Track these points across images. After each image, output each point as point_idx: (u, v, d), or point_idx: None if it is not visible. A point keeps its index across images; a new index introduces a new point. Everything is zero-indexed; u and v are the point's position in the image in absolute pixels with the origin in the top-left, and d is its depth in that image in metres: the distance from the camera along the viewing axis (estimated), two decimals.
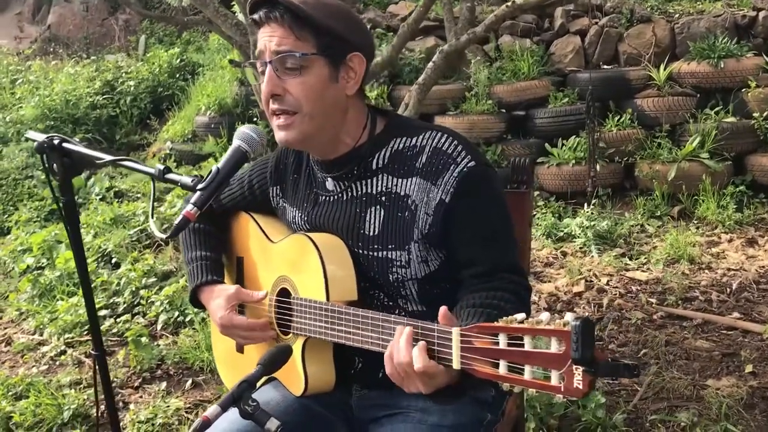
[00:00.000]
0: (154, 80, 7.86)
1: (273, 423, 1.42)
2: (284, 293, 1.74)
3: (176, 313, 3.84)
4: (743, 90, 5.31)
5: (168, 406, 3.06)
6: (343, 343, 1.54)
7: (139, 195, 5.97)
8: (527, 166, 1.91)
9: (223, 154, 1.92)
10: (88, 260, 4.46)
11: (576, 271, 4.23)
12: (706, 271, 4.19)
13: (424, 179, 1.55)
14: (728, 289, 3.88)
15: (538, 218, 5.09)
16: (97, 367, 1.91)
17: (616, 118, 5.49)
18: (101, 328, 3.74)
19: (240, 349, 1.92)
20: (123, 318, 3.91)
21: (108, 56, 8.91)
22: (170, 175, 1.52)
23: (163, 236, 1.44)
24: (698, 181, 5.07)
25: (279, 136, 1.56)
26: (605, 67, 5.97)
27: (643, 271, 4.25)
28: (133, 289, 4.12)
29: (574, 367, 1.07)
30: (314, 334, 1.61)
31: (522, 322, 1.17)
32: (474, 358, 1.22)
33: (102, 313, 3.97)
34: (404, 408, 1.64)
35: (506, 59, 6.13)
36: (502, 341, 1.18)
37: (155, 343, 3.60)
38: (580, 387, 1.07)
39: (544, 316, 1.15)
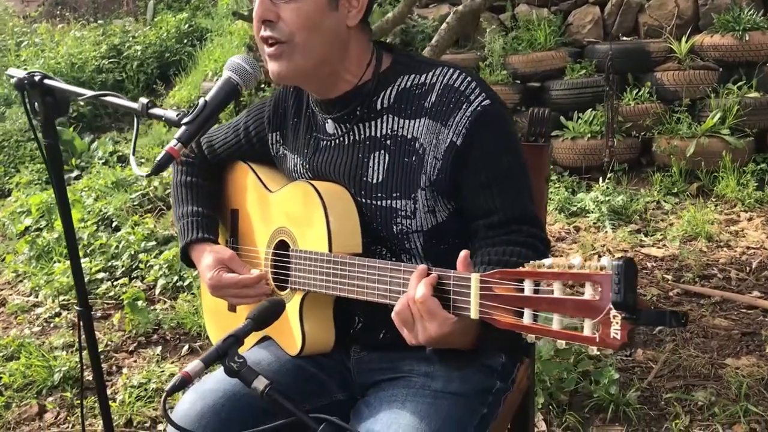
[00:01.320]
0: (161, 45, 7.71)
1: (261, 382, 1.29)
2: (282, 246, 1.61)
3: (175, 278, 3.73)
4: None
5: (162, 371, 2.96)
6: (347, 297, 1.40)
7: (143, 159, 5.85)
8: (546, 117, 1.76)
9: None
10: (88, 223, 4.36)
11: (589, 246, 4.09)
12: (725, 249, 4.03)
13: (434, 120, 1.40)
14: (748, 268, 3.73)
15: (552, 192, 4.93)
16: (82, 323, 1.79)
17: (635, 92, 5.31)
18: (98, 291, 3.65)
19: (232, 308, 1.80)
20: (120, 281, 3.80)
21: (115, 21, 8.75)
22: (154, 110, 1.38)
23: (143, 174, 1.31)
24: (718, 158, 4.89)
25: (271, 68, 1.42)
26: (625, 38, 5.77)
27: (658, 247, 4.10)
28: (132, 252, 4.00)
29: (612, 314, 0.94)
30: (314, 287, 1.48)
31: (551, 266, 1.03)
32: (494, 306, 1.10)
33: (99, 276, 3.87)
34: (406, 372, 1.51)
35: (522, 29, 5.94)
36: (528, 288, 1.05)
37: (152, 308, 3.49)
38: (618, 337, 0.94)
39: (576, 260, 1.02)
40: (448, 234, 1.48)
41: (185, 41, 7.89)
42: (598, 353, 1.10)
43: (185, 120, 1.30)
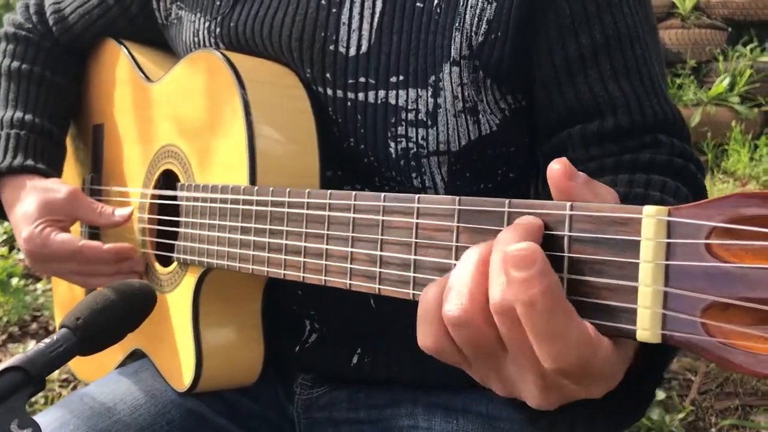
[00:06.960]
0: None
1: None
2: (169, 180, 0.86)
3: None
4: None
5: None
6: (284, 278, 0.64)
7: None
8: None
9: None
10: None
11: None
12: None
13: None
14: None
15: None
16: None
17: None
18: None
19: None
20: None
21: None
22: None
23: None
24: (726, 129, 4.44)
25: None
26: None
27: None
28: None
29: None
30: (220, 259, 0.72)
31: None
32: (723, 304, 0.35)
33: None
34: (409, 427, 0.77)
35: None
36: None
37: (33, 288, 2.69)
38: None
39: None
40: (500, 159, 0.73)
41: None
42: None
43: None
